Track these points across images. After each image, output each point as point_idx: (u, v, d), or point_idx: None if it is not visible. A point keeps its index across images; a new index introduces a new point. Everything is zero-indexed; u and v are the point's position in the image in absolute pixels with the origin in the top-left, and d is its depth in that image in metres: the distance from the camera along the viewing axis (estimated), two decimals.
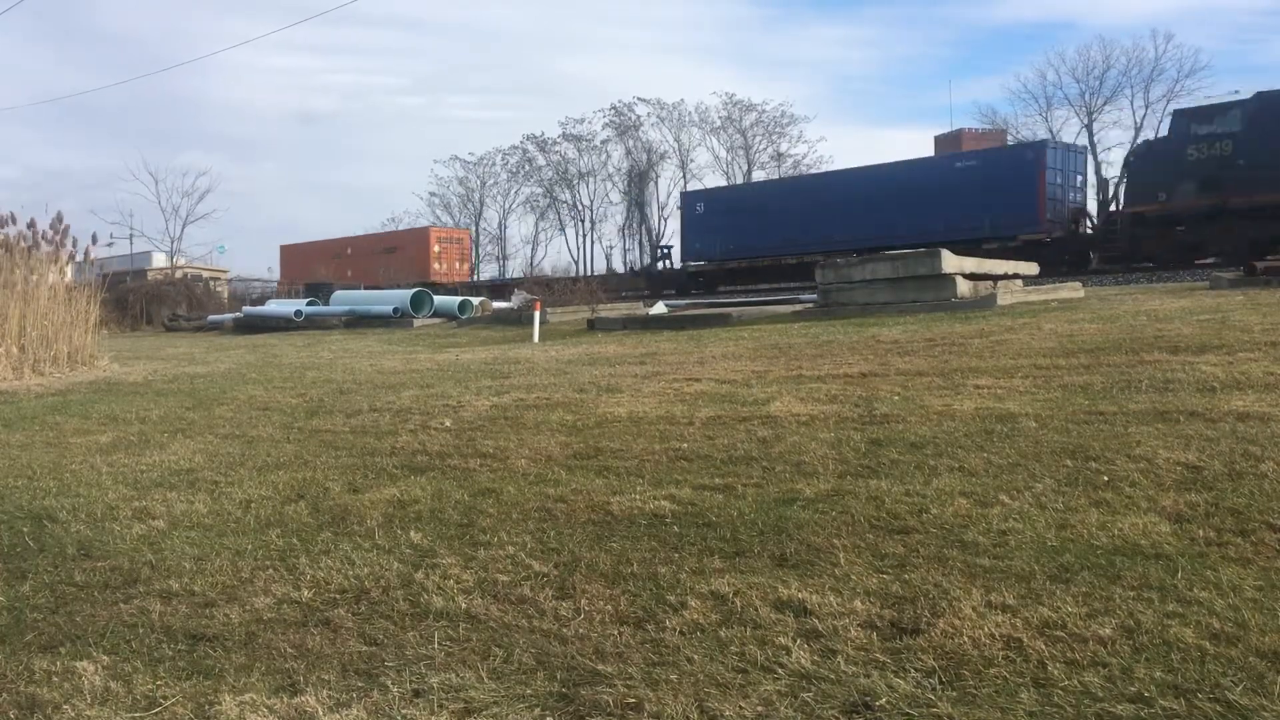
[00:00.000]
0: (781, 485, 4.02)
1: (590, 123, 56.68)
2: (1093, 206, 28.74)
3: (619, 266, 50.51)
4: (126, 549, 3.78)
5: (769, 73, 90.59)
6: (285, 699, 2.39)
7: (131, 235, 48.27)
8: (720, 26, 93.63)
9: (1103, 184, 29.30)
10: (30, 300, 12.21)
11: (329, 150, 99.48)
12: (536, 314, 15.86)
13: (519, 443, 5.35)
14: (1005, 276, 14.26)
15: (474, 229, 59.62)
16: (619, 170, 56.74)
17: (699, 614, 2.73)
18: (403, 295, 23.02)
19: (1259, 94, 21.69)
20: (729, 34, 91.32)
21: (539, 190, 59.46)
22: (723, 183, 51.77)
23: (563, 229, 59.03)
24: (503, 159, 59.62)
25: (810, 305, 15.20)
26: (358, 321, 22.59)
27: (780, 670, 2.36)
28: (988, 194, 25.79)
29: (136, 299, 32.12)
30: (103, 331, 15.95)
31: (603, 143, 56.43)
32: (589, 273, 46.82)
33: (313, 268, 44.64)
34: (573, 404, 6.65)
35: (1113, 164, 53.84)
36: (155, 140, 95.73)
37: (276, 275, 50.44)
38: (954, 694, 2.18)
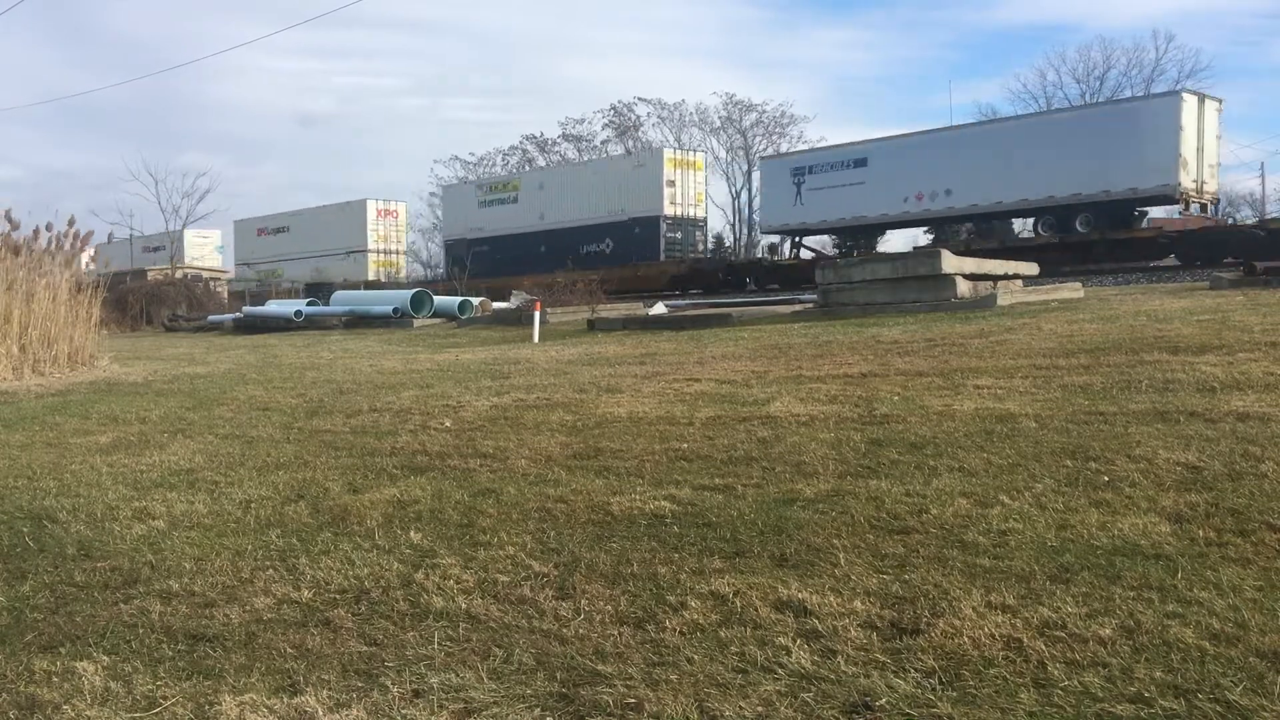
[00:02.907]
0: (781, 485, 4.02)
1: (590, 123, 56.50)
2: None
3: None
4: (126, 549, 3.78)
5: (769, 74, 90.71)
6: (285, 699, 2.39)
7: (131, 235, 47.94)
8: (722, 29, 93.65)
9: None
10: (31, 300, 12.21)
11: (329, 151, 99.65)
12: (536, 314, 15.85)
13: (519, 443, 5.35)
14: (1005, 277, 14.26)
15: None
16: None
17: (699, 614, 2.73)
18: (403, 295, 23.05)
19: None
20: (730, 36, 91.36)
21: None
22: (723, 182, 51.76)
23: None
24: (503, 159, 59.56)
25: (810, 305, 15.20)
26: (358, 322, 22.58)
27: (780, 670, 2.36)
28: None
29: (136, 299, 32.11)
30: (103, 332, 15.94)
31: (603, 143, 56.34)
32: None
33: None
34: (573, 404, 6.65)
35: None
36: (157, 141, 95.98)
37: None
38: (954, 694, 2.18)
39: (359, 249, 43.43)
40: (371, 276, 41.71)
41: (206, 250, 53.98)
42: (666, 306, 20.02)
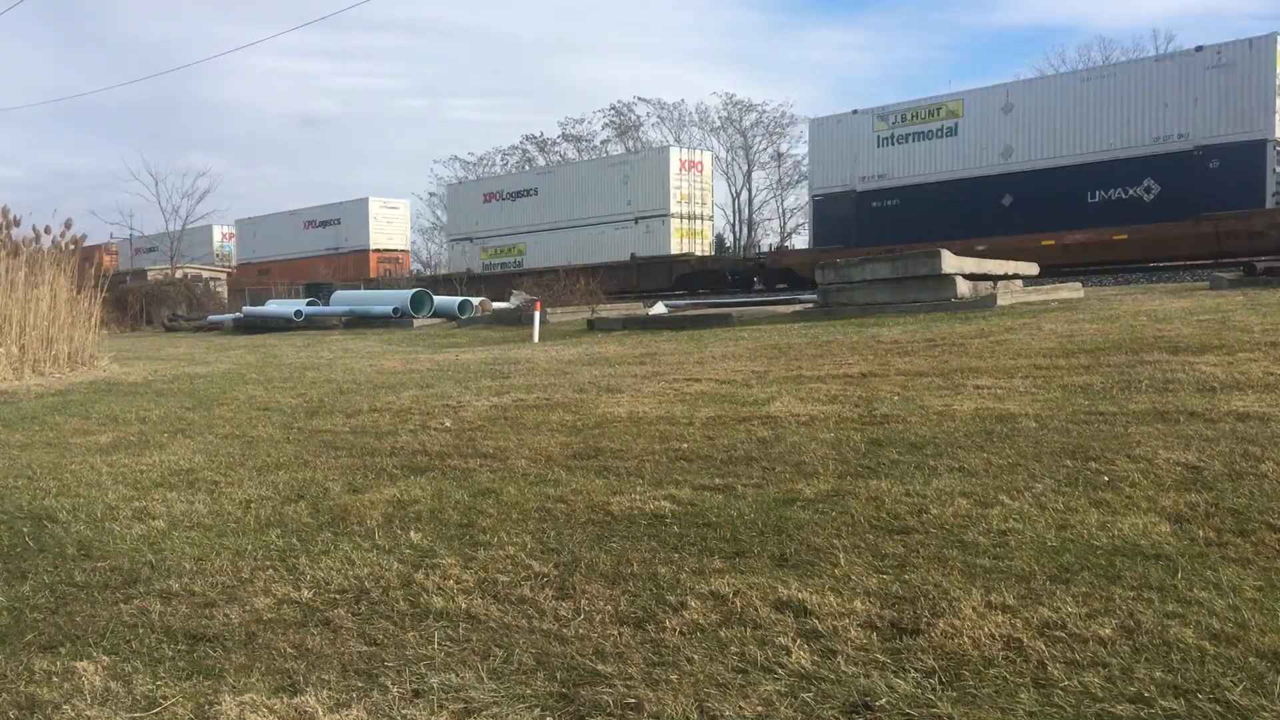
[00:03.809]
0: (781, 485, 4.02)
1: (590, 123, 56.45)
2: None
3: None
4: (126, 549, 3.78)
5: (770, 75, 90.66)
6: (285, 699, 2.39)
7: (131, 235, 47.46)
8: (723, 31, 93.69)
9: None
10: (31, 301, 12.21)
11: (330, 151, 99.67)
12: (536, 314, 15.84)
13: (519, 443, 5.35)
14: (1005, 277, 14.26)
15: None
16: None
17: (699, 614, 2.73)
18: (403, 295, 23.06)
19: None
20: (731, 39, 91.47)
21: None
22: (723, 182, 50.99)
23: None
24: (502, 159, 59.57)
25: (810, 305, 15.20)
26: (358, 321, 22.59)
27: (780, 670, 2.36)
28: None
29: (136, 299, 32.11)
30: (103, 331, 15.93)
31: (603, 143, 56.34)
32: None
33: None
34: (573, 404, 6.65)
35: None
36: (158, 141, 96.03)
37: None
38: (954, 694, 2.18)
39: (658, 213, 31.03)
40: (675, 250, 30.51)
41: (395, 226, 43.57)
42: (666, 306, 20.03)
